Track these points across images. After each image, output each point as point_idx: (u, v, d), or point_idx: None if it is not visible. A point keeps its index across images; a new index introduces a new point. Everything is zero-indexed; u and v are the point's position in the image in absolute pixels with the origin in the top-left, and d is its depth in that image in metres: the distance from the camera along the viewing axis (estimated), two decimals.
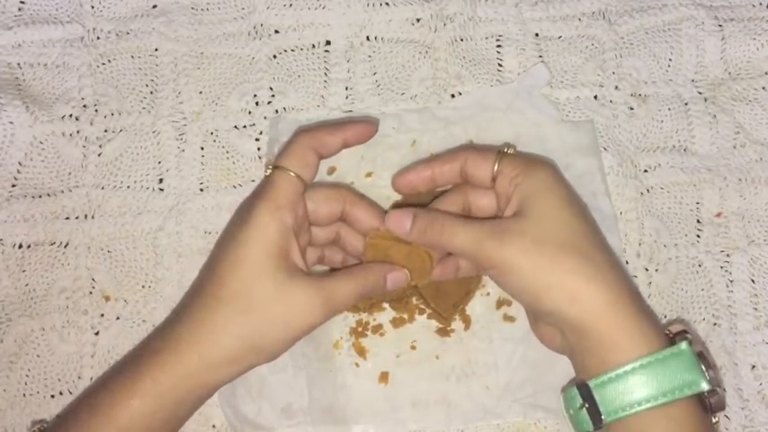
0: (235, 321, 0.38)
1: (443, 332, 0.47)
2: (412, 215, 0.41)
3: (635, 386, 0.35)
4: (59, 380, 0.47)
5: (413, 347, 0.47)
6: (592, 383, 0.36)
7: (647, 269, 0.48)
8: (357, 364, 0.46)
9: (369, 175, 0.49)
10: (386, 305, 0.47)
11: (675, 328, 0.38)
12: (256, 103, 0.51)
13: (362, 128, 0.44)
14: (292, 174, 0.41)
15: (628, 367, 0.35)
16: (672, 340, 0.37)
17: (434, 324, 0.47)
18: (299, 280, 0.39)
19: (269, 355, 0.39)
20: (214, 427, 0.46)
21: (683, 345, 0.36)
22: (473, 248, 0.39)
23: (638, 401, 0.35)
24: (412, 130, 0.50)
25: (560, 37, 0.52)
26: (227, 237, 0.41)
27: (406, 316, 0.47)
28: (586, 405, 0.36)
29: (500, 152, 0.42)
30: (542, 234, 0.38)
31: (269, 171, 0.42)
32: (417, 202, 0.46)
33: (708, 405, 0.36)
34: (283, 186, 0.40)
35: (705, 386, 0.35)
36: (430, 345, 0.47)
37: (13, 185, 0.49)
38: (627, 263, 0.48)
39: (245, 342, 0.38)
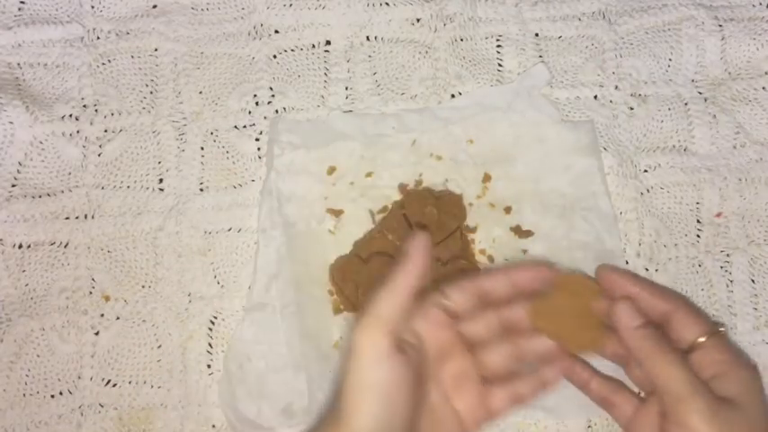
0: None
1: None
2: (644, 320, 0.40)
3: None
4: (59, 380, 0.47)
5: None
6: None
7: (647, 269, 0.48)
8: None
9: (369, 174, 0.49)
10: None
11: None
12: (256, 103, 0.51)
13: (533, 272, 0.41)
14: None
15: None
16: None
17: None
18: None
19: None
20: (214, 427, 0.46)
21: None
22: (682, 392, 0.38)
23: None
24: (412, 130, 0.50)
25: (560, 37, 0.52)
26: None
27: None
28: None
29: (717, 328, 0.40)
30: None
31: None
32: (418, 199, 0.46)
33: None
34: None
35: None
36: None
37: (13, 185, 0.49)
38: (627, 263, 0.48)
39: None
